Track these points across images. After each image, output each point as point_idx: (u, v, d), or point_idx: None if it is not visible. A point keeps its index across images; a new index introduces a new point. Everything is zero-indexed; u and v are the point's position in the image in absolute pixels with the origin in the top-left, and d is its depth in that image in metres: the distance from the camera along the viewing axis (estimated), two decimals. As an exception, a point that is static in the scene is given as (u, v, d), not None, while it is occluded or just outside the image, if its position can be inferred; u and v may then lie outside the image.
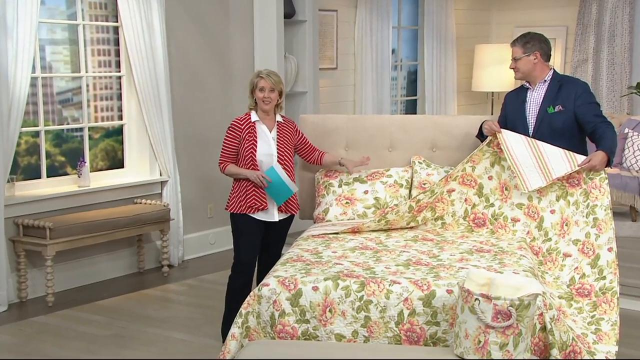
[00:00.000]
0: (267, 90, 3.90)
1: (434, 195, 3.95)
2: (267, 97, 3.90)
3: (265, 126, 3.95)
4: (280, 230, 4.05)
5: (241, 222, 3.92)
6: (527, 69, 3.95)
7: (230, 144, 3.94)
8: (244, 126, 3.93)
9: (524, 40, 3.95)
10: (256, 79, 3.94)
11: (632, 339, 4.15)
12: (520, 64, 3.95)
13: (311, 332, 3.16)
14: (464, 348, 2.82)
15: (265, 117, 3.97)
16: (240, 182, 3.92)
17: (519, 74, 3.99)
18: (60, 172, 5.30)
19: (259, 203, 3.88)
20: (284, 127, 4.02)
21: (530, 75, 3.97)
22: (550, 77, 3.96)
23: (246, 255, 3.91)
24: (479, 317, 2.76)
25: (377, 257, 3.52)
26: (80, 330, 4.36)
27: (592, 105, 3.86)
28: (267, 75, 3.92)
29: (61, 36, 5.34)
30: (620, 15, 7.58)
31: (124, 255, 5.48)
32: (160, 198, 5.62)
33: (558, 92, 3.89)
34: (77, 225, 4.86)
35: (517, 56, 3.96)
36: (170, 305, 4.85)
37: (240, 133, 3.91)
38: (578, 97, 3.85)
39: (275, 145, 3.94)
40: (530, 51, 3.93)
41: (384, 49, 7.17)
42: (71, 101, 5.41)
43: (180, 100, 5.74)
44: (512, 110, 4.03)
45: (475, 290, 2.83)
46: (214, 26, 5.95)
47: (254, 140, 3.90)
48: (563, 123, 3.85)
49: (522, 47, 3.94)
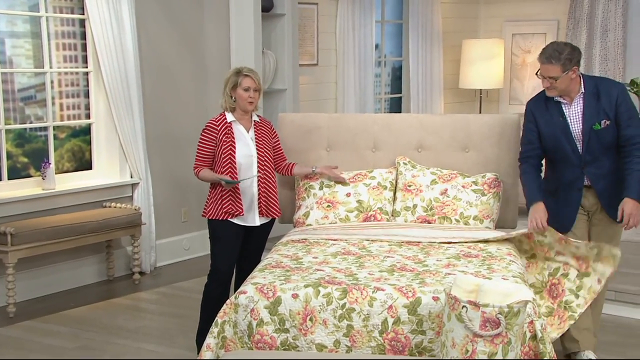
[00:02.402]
0: (252, 89, 3.85)
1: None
2: (252, 97, 3.86)
3: (242, 127, 3.92)
4: (260, 236, 4.04)
5: (219, 228, 3.89)
6: (565, 87, 3.66)
7: (205, 147, 3.90)
8: (220, 127, 3.88)
9: (564, 57, 3.59)
10: (239, 78, 3.85)
11: (626, 348, 4.20)
12: (559, 83, 3.63)
13: (291, 342, 3.16)
14: (451, 358, 2.84)
15: (243, 118, 3.93)
16: (217, 186, 3.89)
17: (554, 92, 3.68)
18: (22, 174, 5.25)
19: (234, 209, 3.85)
20: (261, 126, 3.99)
21: (566, 90, 3.68)
22: (583, 87, 3.70)
23: (223, 263, 3.89)
24: (466, 326, 2.78)
25: (360, 263, 3.53)
26: (44, 342, 4.32)
27: (629, 114, 3.65)
28: (252, 73, 3.87)
29: (22, 29, 5.29)
30: (613, 9, 7.67)
31: (92, 262, 5.45)
32: (131, 201, 5.60)
33: (598, 102, 3.66)
34: (41, 230, 4.82)
35: (555, 75, 3.61)
36: (141, 314, 4.83)
37: (217, 135, 3.87)
38: (619, 104, 3.65)
39: (254, 145, 3.92)
40: (569, 68, 3.61)
41: (367, 44, 7.20)
42: (34, 98, 5.36)
43: (152, 97, 5.72)
44: (551, 127, 3.73)
45: (462, 297, 2.85)
46: (187, 19, 5.94)
47: (231, 142, 3.86)
48: (613, 137, 3.67)
49: (562, 65, 3.59)
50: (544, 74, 3.64)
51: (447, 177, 4.22)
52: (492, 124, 4.39)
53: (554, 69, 3.59)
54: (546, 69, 3.62)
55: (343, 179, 4.20)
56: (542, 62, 3.63)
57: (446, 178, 4.22)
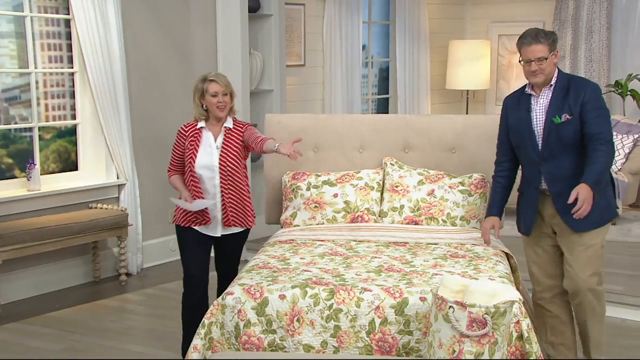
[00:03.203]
0: (220, 94, 3.70)
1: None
2: (222, 102, 3.70)
3: (210, 133, 3.75)
4: (230, 247, 3.86)
5: (186, 236, 3.78)
6: (550, 71, 3.48)
7: (175, 152, 3.82)
8: (189, 132, 3.76)
9: (550, 37, 3.47)
10: (205, 84, 3.71)
11: (611, 348, 4.23)
12: (547, 65, 3.45)
13: (278, 342, 3.16)
14: (438, 358, 2.85)
15: (216, 124, 3.76)
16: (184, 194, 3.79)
17: (541, 76, 3.47)
18: (7, 175, 5.22)
19: (200, 217, 3.72)
20: (232, 133, 3.76)
21: (550, 77, 3.51)
22: (555, 79, 3.53)
23: (194, 270, 3.77)
24: (453, 326, 2.79)
25: (347, 264, 3.53)
26: (29, 344, 4.29)
27: (597, 113, 3.43)
28: (217, 77, 3.72)
29: (6, 28, 5.26)
30: (597, 11, 7.73)
31: (78, 263, 5.42)
32: (117, 202, 5.57)
33: (565, 97, 3.48)
34: (26, 231, 4.79)
35: (544, 55, 3.43)
36: (128, 316, 4.81)
37: (185, 140, 3.76)
38: (586, 102, 3.43)
39: (218, 155, 3.71)
40: (554, 50, 3.48)
41: (354, 45, 7.21)
42: (19, 99, 5.33)
43: (139, 98, 5.70)
44: (517, 121, 3.60)
45: (449, 297, 2.86)
46: (174, 19, 5.92)
47: (194, 149, 3.72)
48: (574, 134, 3.44)
49: (549, 44, 3.44)
50: (530, 57, 3.44)
51: (434, 178, 4.23)
52: (478, 124, 4.41)
53: (542, 48, 3.43)
54: (534, 50, 3.43)
55: (299, 154, 3.60)
56: (529, 43, 3.44)
57: (433, 179, 4.23)
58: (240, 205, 3.78)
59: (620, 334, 4.42)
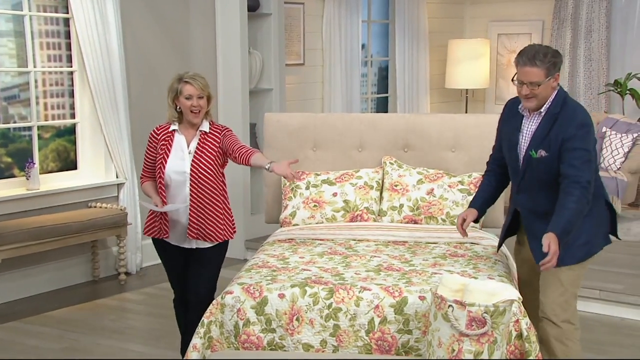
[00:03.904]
0: (194, 97, 3.41)
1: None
2: (196, 106, 3.41)
3: (183, 137, 3.49)
4: (203, 260, 3.52)
5: (158, 247, 3.60)
6: (545, 96, 3.10)
7: (147, 156, 3.59)
8: (161, 136, 3.52)
9: (548, 60, 3.05)
10: (179, 85, 3.43)
11: (611, 346, 4.23)
12: (541, 90, 3.07)
13: (277, 342, 3.15)
14: (437, 357, 2.84)
15: (189, 127, 3.50)
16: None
17: (533, 101, 3.09)
18: (6, 174, 5.21)
19: (161, 230, 3.51)
20: (208, 138, 3.48)
21: (541, 103, 3.12)
22: (547, 106, 3.13)
23: (172, 281, 3.67)
24: (452, 325, 2.79)
25: (346, 263, 3.53)
26: (28, 343, 4.29)
27: (577, 153, 3.03)
28: (193, 79, 3.42)
29: (5, 27, 5.25)
30: (597, 10, 7.72)
31: (77, 262, 5.41)
32: (116, 201, 5.57)
33: (550, 128, 3.10)
34: (25, 231, 4.79)
35: (538, 80, 3.05)
36: (127, 315, 4.81)
37: (157, 144, 3.53)
38: (567, 139, 3.05)
39: (190, 160, 3.45)
40: (552, 74, 3.07)
41: (354, 44, 7.20)
42: (18, 98, 5.32)
43: (138, 97, 5.69)
44: (506, 136, 3.28)
45: (448, 296, 2.85)
46: (173, 18, 5.91)
47: (165, 153, 3.47)
48: (547, 172, 3.10)
49: (546, 69, 3.05)
50: (523, 79, 3.07)
51: (434, 177, 4.23)
52: (478, 123, 4.41)
53: (537, 72, 3.04)
54: (527, 73, 3.05)
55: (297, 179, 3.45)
56: (524, 63, 3.06)
57: (432, 178, 4.22)
58: (209, 216, 3.47)
59: (620, 333, 4.42)
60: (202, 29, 6.03)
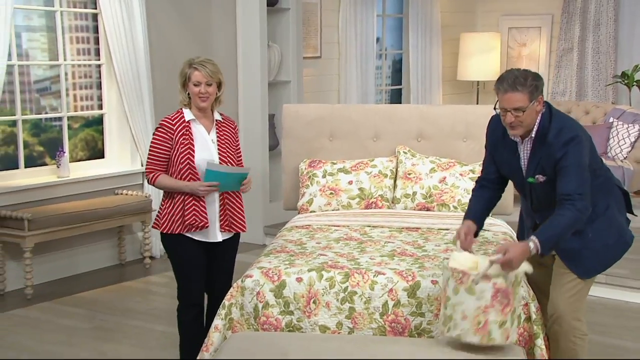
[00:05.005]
0: (203, 84, 3.22)
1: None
2: (204, 93, 3.23)
3: (202, 126, 3.29)
4: (225, 254, 3.38)
5: (178, 244, 3.27)
6: (530, 122, 2.91)
7: (160, 149, 3.26)
8: (177, 126, 3.24)
9: (529, 83, 2.86)
10: (188, 70, 3.25)
11: (616, 329, 4.20)
12: (526, 116, 2.88)
13: (295, 323, 3.16)
14: (462, 330, 2.80)
15: (202, 116, 3.30)
16: (175, 195, 3.26)
17: (519, 129, 2.91)
18: (38, 162, 5.25)
19: (199, 219, 3.22)
20: (224, 126, 3.35)
21: (531, 127, 2.94)
22: (535, 131, 2.95)
23: (192, 284, 3.32)
24: (478, 297, 2.77)
25: (361, 248, 3.52)
26: (60, 323, 4.33)
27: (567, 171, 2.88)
28: (202, 65, 3.22)
29: (38, 23, 5.27)
30: (605, 4, 7.64)
31: (105, 247, 5.45)
32: (141, 189, 5.59)
33: (539, 151, 2.95)
34: (56, 216, 4.82)
35: (522, 106, 2.85)
36: (152, 297, 4.83)
37: (173, 135, 3.24)
38: (558, 159, 2.89)
39: (216, 149, 3.28)
40: (535, 97, 2.88)
41: (369, 38, 7.16)
42: (49, 90, 5.35)
43: (162, 89, 5.70)
44: (506, 162, 3.10)
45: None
46: (195, 14, 5.90)
47: (190, 144, 3.23)
48: (553, 191, 2.94)
49: (529, 93, 2.85)
50: (506, 106, 2.87)
51: (446, 166, 4.20)
52: (488, 114, 4.32)
53: (520, 97, 2.84)
54: (510, 99, 2.85)
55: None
56: (505, 90, 2.86)
57: (445, 166, 4.20)
58: (237, 205, 3.35)
59: (624, 316, 4.39)
60: (223, 23, 6.02)
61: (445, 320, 2.86)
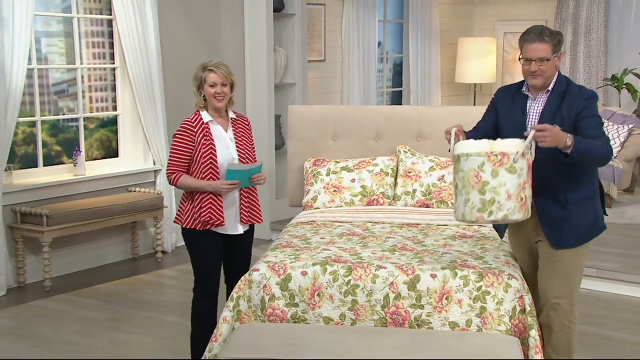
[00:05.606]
0: (219, 85, 3.26)
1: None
2: (220, 93, 3.26)
3: (219, 126, 3.31)
4: (243, 245, 3.43)
5: (199, 240, 3.30)
6: (550, 74, 2.97)
7: (183, 151, 3.26)
8: (198, 129, 3.25)
9: (556, 37, 2.94)
10: (204, 73, 3.28)
11: (607, 320, 4.19)
12: (549, 66, 2.94)
13: (300, 315, 3.15)
14: (509, 210, 2.77)
15: (218, 116, 3.32)
16: (194, 194, 3.27)
17: (540, 79, 2.96)
18: (56, 161, 5.26)
19: (215, 218, 3.24)
20: (239, 124, 3.39)
21: (549, 80, 2.99)
22: (553, 84, 3.01)
23: (209, 276, 3.34)
24: (519, 174, 2.78)
25: (363, 243, 3.51)
26: (76, 313, 4.33)
27: (593, 120, 2.92)
28: (217, 67, 3.27)
29: (56, 29, 5.27)
30: (596, 10, 7.63)
31: (119, 241, 5.45)
32: (153, 186, 5.59)
33: (559, 106, 2.97)
34: (73, 212, 4.83)
35: (546, 56, 2.92)
36: (164, 290, 4.84)
37: (194, 137, 3.24)
38: (581, 110, 2.93)
39: (234, 147, 3.32)
40: (558, 51, 2.96)
41: (370, 42, 7.15)
42: (66, 92, 5.35)
43: (173, 91, 5.70)
44: (509, 120, 3.09)
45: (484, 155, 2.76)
46: (205, 19, 5.90)
47: (211, 144, 3.25)
48: (557, 149, 2.87)
49: (554, 45, 2.93)
50: (532, 56, 2.93)
51: (444, 164, 4.19)
52: (485, 115, 4.35)
53: (545, 48, 2.91)
54: (536, 49, 2.91)
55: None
56: (532, 40, 2.92)
57: (443, 165, 4.19)
58: (255, 198, 3.41)
59: (615, 308, 4.38)
60: (232, 28, 6.01)
61: (484, 206, 2.77)
